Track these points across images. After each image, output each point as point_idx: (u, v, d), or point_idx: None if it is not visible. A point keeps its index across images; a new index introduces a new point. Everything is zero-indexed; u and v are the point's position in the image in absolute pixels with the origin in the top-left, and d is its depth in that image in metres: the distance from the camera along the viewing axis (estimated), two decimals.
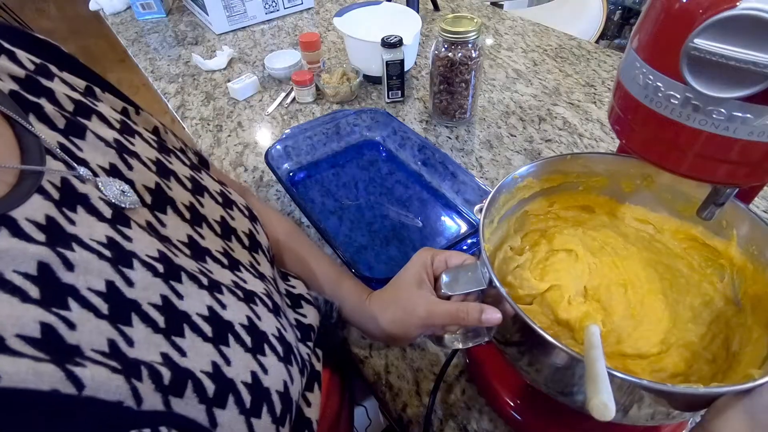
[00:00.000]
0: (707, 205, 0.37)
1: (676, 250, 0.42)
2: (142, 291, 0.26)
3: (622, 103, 0.34)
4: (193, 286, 0.29)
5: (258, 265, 0.38)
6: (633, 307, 0.39)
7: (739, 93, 0.25)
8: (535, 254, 0.44)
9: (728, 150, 0.29)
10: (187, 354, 0.26)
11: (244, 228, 0.39)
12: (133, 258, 0.27)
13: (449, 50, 0.70)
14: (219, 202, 0.39)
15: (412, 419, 0.44)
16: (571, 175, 0.44)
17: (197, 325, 0.28)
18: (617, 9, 2.33)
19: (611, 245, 0.43)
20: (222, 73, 0.98)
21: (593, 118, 0.78)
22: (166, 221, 0.32)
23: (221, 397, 0.26)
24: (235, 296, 0.32)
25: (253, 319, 0.32)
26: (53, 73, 0.33)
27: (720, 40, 0.24)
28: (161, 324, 0.26)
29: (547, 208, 0.46)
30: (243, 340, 0.30)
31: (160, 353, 0.25)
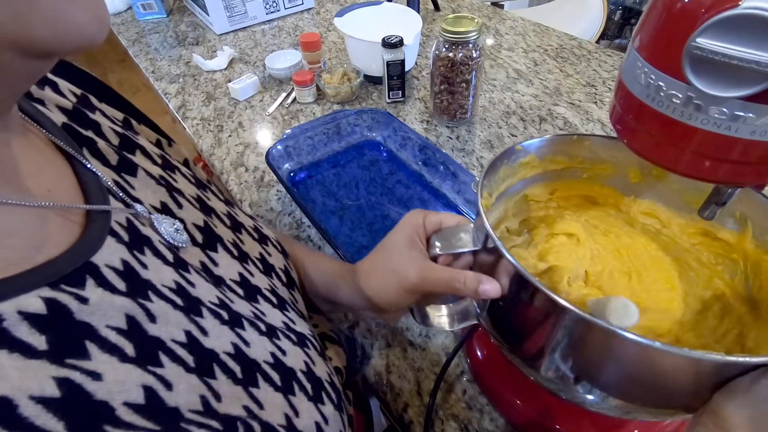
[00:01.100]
0: (708, 204, 0.37)
1: (685, 245, 0.40)
2: (216, 340, 0.25)
3: (623, 103, 0.34)
4: (254, 332, 0.28)
5: (296, 302, 0.37)
6: (638, 295, 0.36)
7: (742, 92, 0.25)
8: (533, 236, 0.41)
9: (730, 149, 0.29)
10: (264, 406, 0.25)
11: (280, 264, 0.38)
12: (200, 305, 0.26)
13: (450, 50, 0.70)
14: (255, 238, 0.37)
15: (413, 419, 0.44)
16: (576, 159, 0.41)
17: (267, 373, 0.27)
18: (618, 9, 2.33)
19: (615, 233, 0.41)
20: (223, 74, 0.98)
21: (594, 118, 0.78)
22: (218, 260, 0.31)
23: None
24: (290, 341, 0.31)
25: (310, 364, 0.31)
26: (94, 105, 0.31)
27: (722, 39, 0.24)
28: (239, 374, 0.25)
29: (548, 196, 0.44)
30: (305, 387, 0.29)
31: (243, 406, 0.24)
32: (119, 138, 0.31)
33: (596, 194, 0.44)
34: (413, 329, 0.51)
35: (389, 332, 0.51)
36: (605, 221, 0.42)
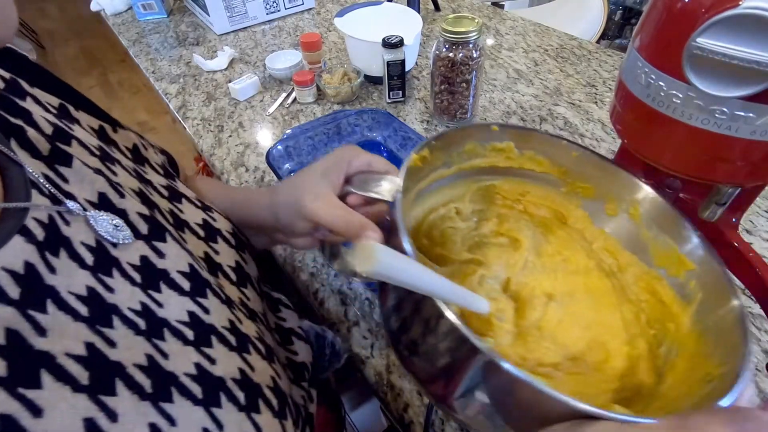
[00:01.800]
0: (709, 204, 0.37)
1: (630, 295, 0.37)
2: (125, 352, 0.23)
3: (624, 103, 0.34)
4: (177, 342, 0.26)
5: (248, 301, 0.36)
6: (547, 320, 0.34)
7: (742, 92, 0.25)
8: (477, 227, 0.39)
9: (730, 149, 0.29)
10: (177, 423, 0.23)
11: (230, 262, 0.36)
12: (113, 314, 0.24)
13: (450, 50, 0.70)
14: (201, 236, 0.35)
15: (413, 419, 0.44)
16: (560, 168, 0.39)
17: (186, 387, 0.25)
18: (618, 9, 2.33)
19: (564, 256, 0.38)
20: (223, 74, 0.98)
21: (594, 118, 0.78)
22: (166, 250, 0.29)
23: None
24: (227, 346, 0.29)
25: (246, 370, 0.29)
26: (25, 91, 0.29)
27: (722, 39, 0.24)
28: (148, 389, 0.23)
29: (518, 196, 0.41)
30: (236, 397, 0.27)
31: (148, 424, 0.22)
32: (53, 127, 0.28)
33: (568, 214, 0.41)
34: None
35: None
36: (562, 242, 0.40)
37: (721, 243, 0.40)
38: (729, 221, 0.39)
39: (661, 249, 0.36)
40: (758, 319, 0.49)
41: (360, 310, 0.53)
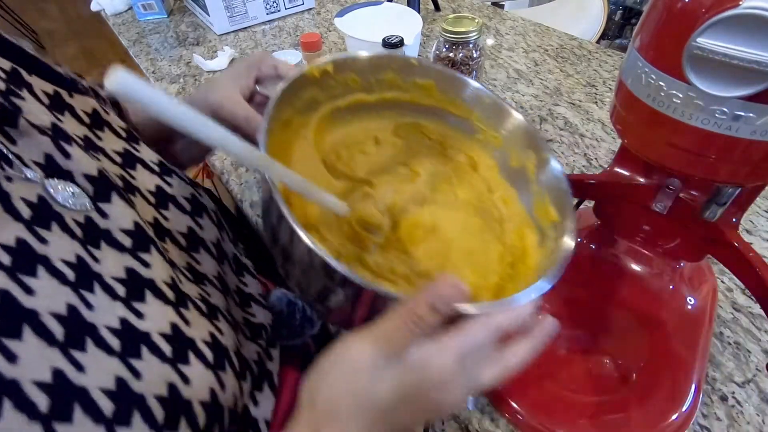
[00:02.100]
0: (709, 204, 0.37)
1: (506, 240, 0.40)
2: (44, 299, 0.23)
3: (624, 103, 0.34)
4: (106, 297, 0.26)
5: (198, 265, 0.36)
6: (414, 241, 0.38)
7: (742, 92, 0.25)
8: (388, 157, 0.42)
9: (730, 149, 0.29)
10: (86, 370, 0.23)
11: (182, 227, 0.37)
12: (38, 264, 0.24)
13: (450, 50, 0.70)
14: (151, 202, 0.35)
15: None
16: (477, 115, 0.42)
17: (103, 338, 0.25)
18: (618, 9, 2.33)
19: (457, 195, 0.42)
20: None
21: (594, 118, 0.78)
22: (110, 210, 0.30)
23: (124, 414, 0.24)
24: (162, 300, 0.29)
25: (180, 325, 0.29)
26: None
27: (723, 39, 0.24)
28: (59, 337, 0.23)
29: (440, 137, 0.44)
30: (160, 350, 0.27)
31: (51, 368, 0.22)
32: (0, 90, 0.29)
33: (479, 161, 0.44)
34: None
35: None
36: (463, 185, 0.43)
37: (721, 243, 0.40)
38: (729, 221, 0.39)
39: (539, 201, 0.40)
40: (758, 319, 0.49)
41: None
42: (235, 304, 0.39)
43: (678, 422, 0.40)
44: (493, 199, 0.42)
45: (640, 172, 0.43)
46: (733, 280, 0.53)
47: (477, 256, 0.38)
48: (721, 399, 0.44)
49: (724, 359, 0.46)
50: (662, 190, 0.40)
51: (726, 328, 0.49)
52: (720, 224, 0.39)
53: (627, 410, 0.42)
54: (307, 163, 0.37)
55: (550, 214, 0.38)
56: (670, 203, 0.40)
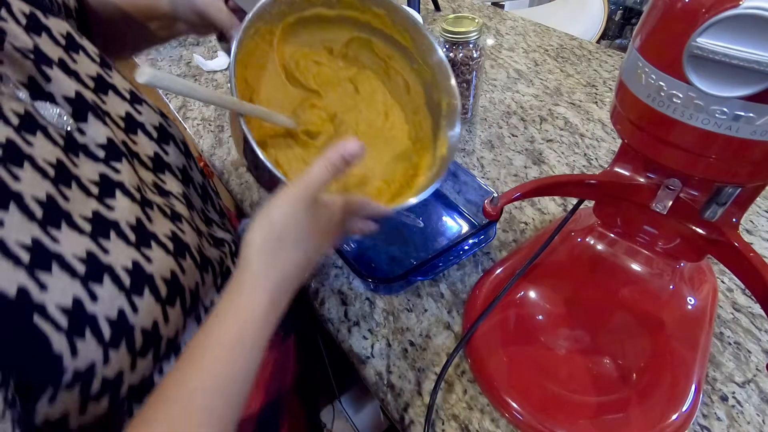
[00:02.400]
0: (709, 204, 0.37)
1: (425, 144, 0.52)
2: (27, 186, 0.28)
3: (624, 103, 0.34)
4: (81, 193, 0.31)
5: (163, 184, 0.41)
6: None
7: (742, 92, 0.25)
8: (338, 69, 0.50)
9: (730, 149, 0.29)
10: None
11: (148, 151, 0.41)
12: (26, 161, 0.28)
13: (450, 50, 0.70)
14: (120, 127, 0.40)
15: (413, 419, 0.44)
16: (418, 50, 0.50)
17: (76, 223, 0.30)
18: (618, 9, 2.33)
19: (387, 109, 0.52)
20: (223, 74, 0.98)
21: (594, 118, 0.78)
22: (87, 129, 0.35)
23: (97, 276, 0.29)
24: (129, 198, 0.34)
25: (143, 220, 0.34)
26: None
27: (723, 39, 0.24)
28: (38, 216, 0.28)
29: (386, 57, 0.52)
30: (126, 237, 0.32)
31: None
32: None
33: (413, 88, 0.53)
34: (414, 330, 0.51)
35: (390, 332, 0.51)
36: (393, 104, 0.53)
37: (721, 243, 0.40)
38: (729, 221, 0.39)
39: (442, 136, 0.51)
40: (758, 319, 0.49)
41: (360, 310, 0.53)
42: (200, 220, 0.45)
43: (678, 422, 0.40)
44: (415, 120, 0.53)
45: (641, 172, 0.43)
46: (734, 280, 0.53)
47: (388, 166, 0.50)
48: (722, 399, 0.44)
49: (724, 359, 0.46)
50: (662, 190, 0.40)
51: (726, 328, 0.49)
52: (720, 224, 0.39)
53: (627, 410, 0.42)
54: (270, 71, 0.46)
55: (442, 150, 0.49)
56: (670, 203, 0.40)
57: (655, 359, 0.44)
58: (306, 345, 0.64)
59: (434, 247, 0.59)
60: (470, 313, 0.50)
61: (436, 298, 0.54)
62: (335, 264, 0.58)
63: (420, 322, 0.52)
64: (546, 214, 0.63)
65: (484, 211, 0.45)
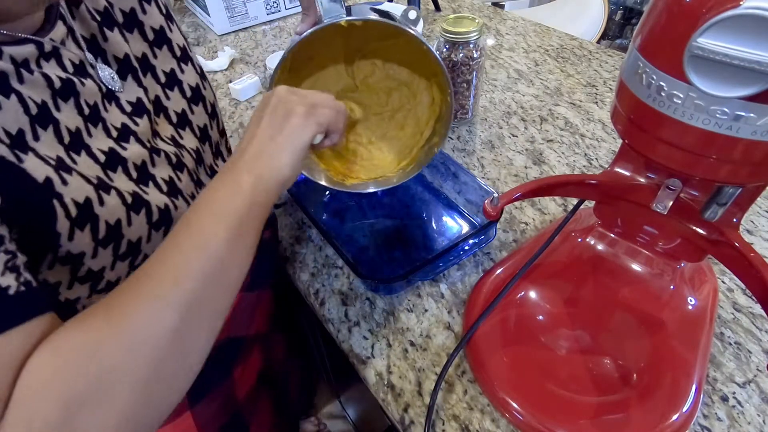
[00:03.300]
0: (710, 204, 0.37)
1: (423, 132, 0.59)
2: (64, 116, 0.34)
3: (624, 103, 0.34)
4: (103, 132, 0.37)
5: (181, 139, 0.46)
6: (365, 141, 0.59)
7: (742, 92, 0.25)
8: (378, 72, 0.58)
9: (731, 149, 0.29)
10: (78, 164, 0.33)
11: (177, 108, 0.47)
12: (72, 97, 0.35)
13: (451, 51, 0.70)
14: (160, 81, 0.46)
15: (414, 420, 0.44)
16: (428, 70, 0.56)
17: (94, 153, 0.35)
18: (618, 9, 2.33)
19: (400, 119, 0.59)
20: (223, 74, 0.98)
21: (595, 119, 0.78)
22: (123, 86, 0.41)
23: (106, 189, 0.34)
24: (140, 144, 0.39)
25: (147, 163, 0.39)
26: None
27: (723, 39, 0.24)
28: (66, 141, 0.33)
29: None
30: (130, 173, 0.37)
31: (56, 156, 0.32)
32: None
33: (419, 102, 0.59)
34: (414, 330, 0.51)
35: (390, 333, 0.51)
36: (405, 119, 0.60)
37: (722, 243, 0.40)
38: (730, 221, 0.39)
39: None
40: (758, 319, 0.49)
41: (360, 311, 0.53)
42: (206, 174, 0.50)
43: (679, 422, 0.40)
44: (422, 129, 0.59)
45: (641, 172, 0.43)
46: (734, 281, 0.53)
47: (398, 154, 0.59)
48: (722, 399, 0.44)
49: (724, 359, 0.46)
50: (663, 190, 0.40)
51: (727, 328, 0.49)
52: (721, 224, 0.39)
53: (627, 410, 0.42)
54: (333, 51, 0.55)
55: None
56: (670, 203, 0.40)
57: (655, 359, 0.44)
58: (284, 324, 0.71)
59: (434, 248, 0.59)
60: (470, 313, 0.50)
61: (436, 299, 0.54)
62: (336, 264, 0.58)
63: (420, 322, 0.52)
64: (546, 214, 0.63)
65: (485, 211, 0.45)
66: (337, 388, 1.10)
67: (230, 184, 0.34)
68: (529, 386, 0.44)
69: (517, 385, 0.44)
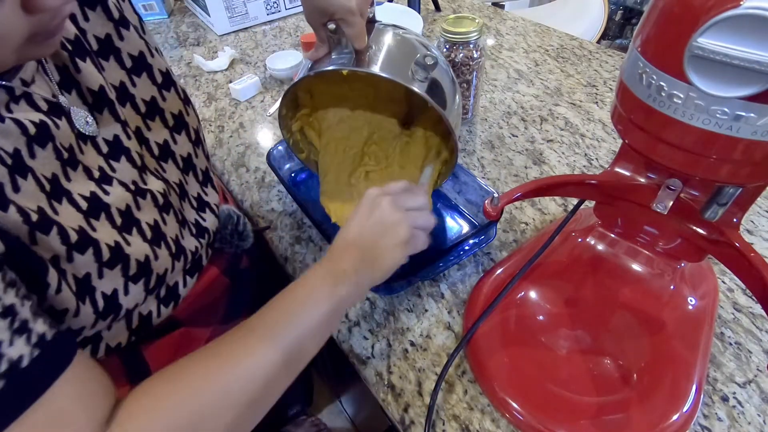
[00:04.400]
0: (710, 204, 0.37)
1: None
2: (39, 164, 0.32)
3: (625, 103, 0.34)
4: (83, 175, 0.35)
5: (164, 172, 0.45)
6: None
7: (743, 92, 0.25)
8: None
9: (731, 149, 0.29)
10: (59, 214, 0.32)
11: (159, 138, 0.45)
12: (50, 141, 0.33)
13: (451, 51, 0.70)
14: (141, 111, 0.43)
15: (414, 420, 0.44)
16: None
17: (75, 200, 0.34)
18: (618, 9, 2.33)
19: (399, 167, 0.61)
20: (224, 74, 0.98)
21: (595, 119, 0.78)
22: (99, 120, 0.39)
23: (83, 248, 0.33)
24: (123, 187, 0.38)
25: (132, 207, 0.38)
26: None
27: (723, 39, 0.24)
28: (47, 189, 0.32)
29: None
30: (114, 220, 0.36)
31: (38, 207, 0.30)
32: None
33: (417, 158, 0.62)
34: (414, 330, 0.51)
35: (390, 333, 0.51)
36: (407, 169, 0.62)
37: (722, 243, 0.40)
38: (730, 221, 0.39)
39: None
40: (759, 319, 0.49)
41: (360, 310, 0.53)
42: (191, 207, 0.49)
43: (679, 422, 0.40)
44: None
45: (641, 172, 0.43)
46: (734, 281, 0.53)
47: None
48: (722, 399, 0.44)
49: (725, 359, 0.46)
50: (663, 190, 0.40)
51: (727, 328, 0.49)
52: (721, 224, 0.39)
53: (628, 410, 0.42)
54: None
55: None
56: (670, 203, 0.40)
57: (655, 359, 0.44)
58: None
59: (435, 248, 0.59)
60: (471, 313, 0.50)
61: (436, 299, 0.54)
62: None
63: (420, 322, 0.52)
64: (546, 214, 0.63)
65: (485, 211, 0.45)
66: (337, 388, 1.10)
67: (325, 293, 0.38)
68: (529, 386, 0.44)
69: (517, 385, 0.43)
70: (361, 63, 0.46)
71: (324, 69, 0.47)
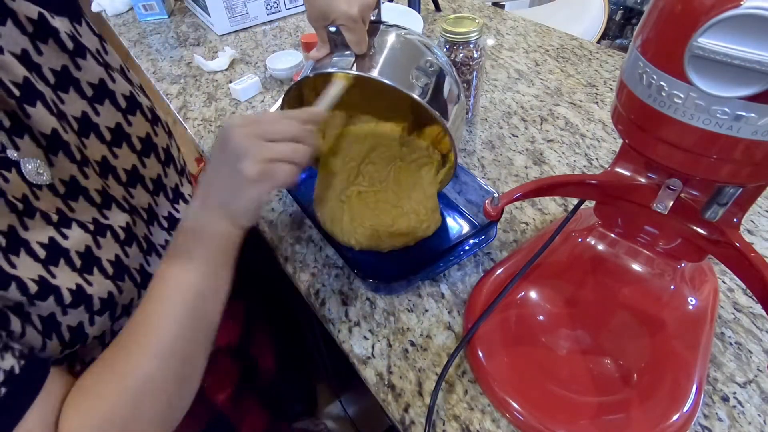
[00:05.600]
0: (711, 204, 0.37)
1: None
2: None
3: (625, 103, 0.34)
4: (42, 221, 0.35)
5: (132, 198, 0.45)
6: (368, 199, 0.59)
7: (743, 92, 0.25)
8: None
9: (732, 149, 0.29)
10: (17, 267, 0.32)
11: (127, 165, 0.44)
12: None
13: (451, 51, 0.70)
14: (106, 140, 0.43)
15: (414, 420, 0.44)
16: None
17: (33, 250, 0.34)
18: (619, 9, 2.33)
19: (395, 184, 0.59)
20: (224, 74, 0.98)
21: (595, 119, 0.78)
22: (55, 162, 0.38)
23: (44, 295, 0.34)
24: (83, 229, 0.38)
25: (92, 247, 0.38)
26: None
27: (724, 39, 0.24)
28: (3, 244, 0.32)
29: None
30: (74, 263, 0.37)
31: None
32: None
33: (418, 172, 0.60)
34: (414, 330, 0.51)
35: (390, 333, 0.51)
36: (404, 182, 0.60)
37: (722, 243, 0.40)
38: (730, 221, 0.39)
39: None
40: (759, 319, 0.49)
41: (361, 311, 0.53)
42: (161, 228, 0.48)
43: (679, 423, 0.40)
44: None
45: (641, 172, 0.43)
46: (735, 281, 0.53)
47: (397, 209, 0.58)
48: (723, 399, 0.44)
49: (725, 359, 0.46)
50: (663, 190, 0.40)
51: (727, 328, 0.49)
52: (721, 224, 0.39)
53: (628, 411, 0.42)
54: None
55: None
56: (671, 203, 0.40)
57: (656, 359, 0.44)
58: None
59: (435, 248, 0.59)
60: (471, 313, 0.50)
61: (436, 299, 0.54)
62: (336, 264, 0.58)
63: (420, 322, 0.52)
64: (547, 214, 0.63)
65: (485, 211, 0.45)
66: (337, 388, 1.10)
67: (185, 259, 0.38)
68: (529, 386, 0.44)
69: (517, 386, 0.43)
70: (362, 66, 0.45)
71: (324, 71, 0.47)
